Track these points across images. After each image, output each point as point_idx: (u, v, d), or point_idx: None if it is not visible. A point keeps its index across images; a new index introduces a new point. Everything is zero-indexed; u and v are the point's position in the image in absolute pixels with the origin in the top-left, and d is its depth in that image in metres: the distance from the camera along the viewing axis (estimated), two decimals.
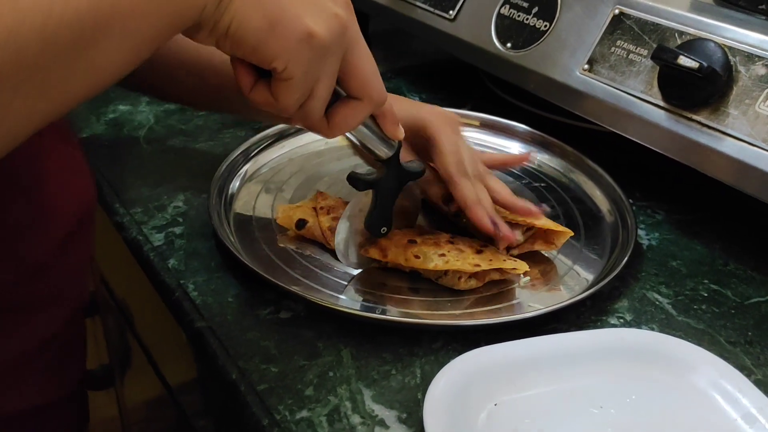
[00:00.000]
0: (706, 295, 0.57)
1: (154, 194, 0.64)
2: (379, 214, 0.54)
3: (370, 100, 0.43)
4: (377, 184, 0.52)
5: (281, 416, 0.43)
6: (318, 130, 0.43)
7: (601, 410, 0.45)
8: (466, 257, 0.54)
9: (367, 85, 0.42)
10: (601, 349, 0.48)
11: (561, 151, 0.73)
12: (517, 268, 0.53)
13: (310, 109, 0.41)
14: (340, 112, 0.43)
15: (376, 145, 0.49)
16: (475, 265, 0.52)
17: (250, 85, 0.39)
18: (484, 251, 0.55)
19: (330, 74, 0.40)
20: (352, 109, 0.43)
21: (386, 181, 0.53)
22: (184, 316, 0.51)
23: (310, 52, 0.37)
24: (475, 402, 0.44)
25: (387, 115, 0.48)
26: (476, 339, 0.49)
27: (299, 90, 0.39)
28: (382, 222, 0.55)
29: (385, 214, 0.54)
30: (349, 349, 0.49)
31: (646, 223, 0.66)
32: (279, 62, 0.37)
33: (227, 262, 0.56)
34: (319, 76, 0.39)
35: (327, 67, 0.39)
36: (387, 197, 0.54)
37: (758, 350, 0.51)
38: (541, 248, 0.59)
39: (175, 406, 0.76)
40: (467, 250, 0.54)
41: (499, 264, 0.53)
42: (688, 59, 0.57)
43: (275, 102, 0.39)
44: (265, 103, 0.40)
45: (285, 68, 0.37)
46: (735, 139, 0.57)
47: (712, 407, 0.45)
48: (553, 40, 0.71)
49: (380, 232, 0.55)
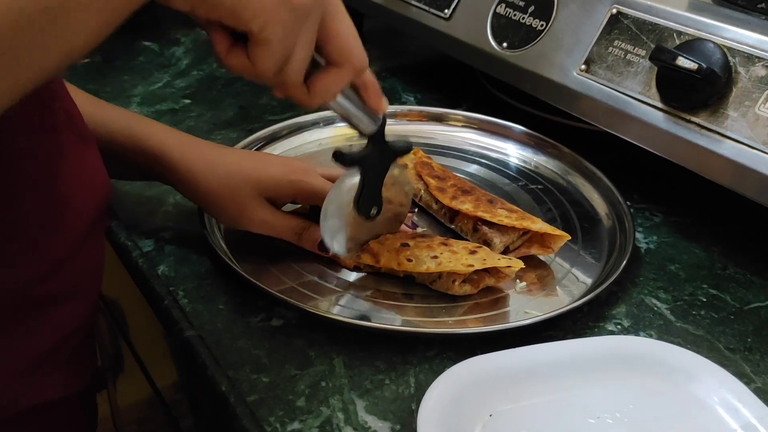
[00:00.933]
0: (705, 300, 0.56)
1: (144, 198, 0.63)
2: (368, 193, 0.52)
3: (350, 66, 0.42)
4: (364, 160, 0.51)
5: (272, 428, 0.42)
6: (298, 99, 0.42)
7: (598, 420, 0.44)
8: (459, 258, 0.52)
9: (347, 50, 0.41)
10: (598, 357, 0.47)
11: (558, 152, 0.72)
12: (512, 265, 0.52)
13: (289, 75, 0.40)
14: (320, 79, 0.42)
15: (359, 119, 0.48)
16: (469, 265, 0.51)
17: (226, 51, 0.38)
18: (477, 252, 0.54)
19: (308, 37, 0.39)
20: (333, 76, 0.42)
21: (372, 158, 0.51)
22: (173, 324, 0.50)
23: (288, 13, 0.36)
24: (470, 413, 0.43)
25: (369, 86, 0.47)
26: (471, 347, 0.49)
27: (277, 54, 0.38)
28: (372, 201, 0.53)
29: (374, 194, 0.53)
30: (341, 357, 0.48)
31: (644, 225, 0.65)
32: (256, 24, 0.36)
33: (218, 268, 0.55)
34: (297, 39, 0.38)
35: (305, 29, 0.38)
36: (375, 175, 0.52)
37: (758, 357, 0.50)
38: (538, 252, 0.58)
39: (165, 408, 0.75)
40: (460, 252, 0.54)
41: (494, 263, 0.52)
42: (686, 60, 0.56)
43: (252, 67, 0.38)
44: (241, 69, 0.39)
45: (262, 30, 0.36)
46: (734, 142, 0.56)
47: (712, 417, 0.44)
48: (549, 40, 0.69)
49: (370, 214, 0.53)
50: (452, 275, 0.52)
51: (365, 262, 0.54)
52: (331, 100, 0.45)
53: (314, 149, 0.72)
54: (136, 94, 0.83)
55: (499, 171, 0.71)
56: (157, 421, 0.84)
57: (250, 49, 0.38)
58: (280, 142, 0.72)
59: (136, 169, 0.58)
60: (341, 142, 0.75)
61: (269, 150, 0.71)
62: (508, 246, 0.58)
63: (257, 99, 0.83)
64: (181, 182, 0.56)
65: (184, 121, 0.77)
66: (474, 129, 0.77)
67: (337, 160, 0.50)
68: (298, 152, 0.71)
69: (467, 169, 0.71)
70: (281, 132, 0.72)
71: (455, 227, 0.61)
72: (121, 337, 0.83)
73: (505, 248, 0.58)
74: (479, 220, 0.58)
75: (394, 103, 0.84)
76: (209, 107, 0.81)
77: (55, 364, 0.50)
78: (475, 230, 0.59)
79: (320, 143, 0.73)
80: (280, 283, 0.54)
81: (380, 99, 0.48)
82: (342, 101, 0.46)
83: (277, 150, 0.71)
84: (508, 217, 0.58)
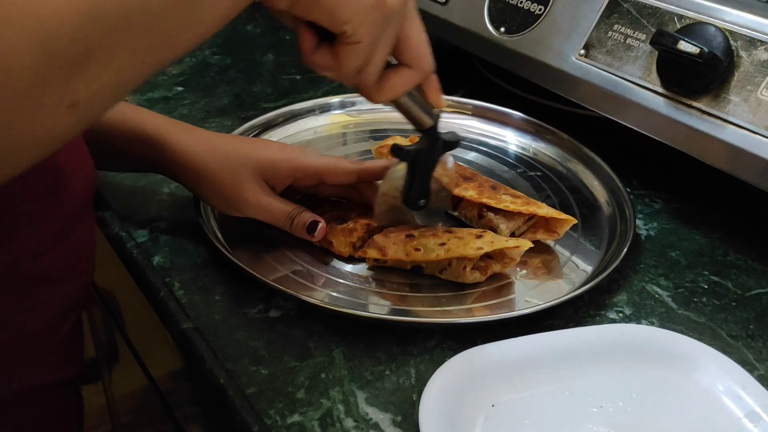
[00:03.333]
0: (707, 287, 0.55)
1: (138, 187, 0.62)
2: (418, 186, 0.54)
3: (420, 69, 0.45)
4: (419, 154, 0.52)
5: (272, 421, 0.42)
6: (367, 94, 0.45)
7: (601, 409, 0.44)
8: (467, 243, 0.52)
9: (420, 53, 0.44)
10: (600, 346, 0.47)
11: (557, 139, 0.72)
12: (521, 245, 0.52)
13: (368, 74, 0.42)
14: (392, 78, 0.44)
15: (419, 114, 0.50)
16: (478, 248, 0.51)
17: (312, 49, 0.40)
18: (483, 236, 0.53)
19: (390, 41, 0.41)
20: (404, 77, 0.45)
21: (426, 152, 0.53)
22: (169, 316, 0.49)
23: (379, 17, 0.38)
24: (472, 404, 0.42)
25: (432, 83, 0.49)
26: (472, 336, 0.48)
27: (364, 54, 0.40)
28: (421, 194, 0.54)
29: (424, 187, 0.54)
30: (341, 348, 0.47)
31: (644, 212, 0.64)
32: (350, 26, 0.38)
33: (214, 259, 0.54)
34: (381, 42, 0.40)
35: (389, 33, 0.41)
36: (425, 169, 0.54)
37: (760, 344, 0.50)
38: (544, 237, 0.58)
39: (160, 397, 0.74)
40: (467, 237, 0.53)
41: (502, 244, 0.52)
42: (688, 44, 0.55)
43: (338, 66, 0.40)
44: (326, 67, 0.41)
45: (355, 32, 0.38)
46: (736, 127, 0.56)
47: (716, 405, 0.44)
48: (548, 25, 0.68)
49: (419, 205, 0.55)
50: (462, 262, 0.52)
51: (372, 256, 0.53)
52: (398, 97, 0.47)
53: (310, 137, 0.71)
54: None
55: (498, 158, 0.70)
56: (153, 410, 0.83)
57: (338, 49, 0.40)
58: (275, 130, 0.70)
59: (130, 158, 0.57)
60: (337, 130, 0.74)
61: (265, 138, 0.69)
62: (514, 232, 0.57)
63: (251, 86, 0.82)
64: (178, 166, 0.55)
65: (177, 109, 0.76)
66: (472, 115, 0.76)
67: (395, 154, 0.52)
68: (293, 140, 0.70)
69: (465, 156, 0.70)
70: (276, 120, 0.71)
71: (459, 214, 0.60)
72: (116, 328, 0.82)
73: (511, 234, 0.57)
74: (484, 206, 0.58)
75: None
76: (203, 95, 0.80)
77: (45, 348, 0.50)
78: (480, 217, 0.58)
79: (315, 131, 0.72)
80: (278, 273, 0.53)
81: (440, 96, 0.50)
82: (406, 98, 0.48)
83: (272, 138, 0.70)
84: (513, 203, 0.57)
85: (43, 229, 0.46)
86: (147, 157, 0.55)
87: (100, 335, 0.97)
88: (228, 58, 0.90)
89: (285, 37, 0.97)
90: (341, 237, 0.54)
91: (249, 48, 0.94)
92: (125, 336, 0.79)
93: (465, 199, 0.59)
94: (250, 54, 0.92)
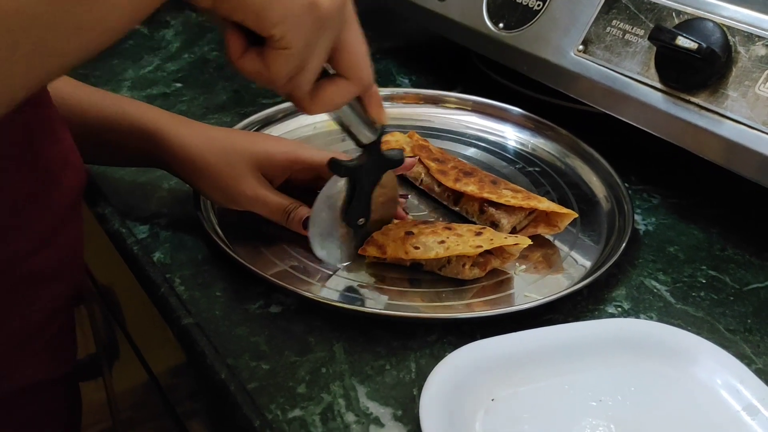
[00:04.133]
0: (705, 281, 0.56)
1: (138, 184, 0.62)
2: (357, 203, 0.52)
3: (359, 81, 0.42)
4: (358, 170, 0.51)
5: (273, 416, 0.42)
6: (301, 105, 0.42)
7: (600, 403, 0.44)
8: (466, 241, 0.52)
9: (358, 65, 0.41)
10: (599, 340, 0.47)
11: (555, 134, 0.72)
12: (520, 243, 0.52)
13: (300, 83, 0.39)
14: (328, 89, 0.41)
15: (359, 129, 0.48)
16: (477, 246, 0.51)
17: (240, 53, 0.38)
18: (483, 233, 0.53)
19: (325, 48, 0.39)
20: (340, 88, 0.42)
21: (367, 168, 0.51)
22: (170, 312, 0.49)
23: (311, 22, 0.36)
24: (472, 398, 0.43)
25: (372, 97, 0.46)
26: (471, 331, 0.48)
27: (294, 61, 0.37)
28: (361, 212, 0.53)
29: (364, 204, 0.53)
30: (341, 343, 0.47)
31: (643, 207, 0.64)
32: (279, 29, 0.35)
33: (215, 254, 0.54)
34: (315, 49, 0.38)
35: (323, 40, 0.38)
36: (366, 185, 0.52)
37: (758, 338, 0.50)
38: (545, 231, 0.58)
39: (161, 393, 0.74)
40: (466, 234, 0.53)
41: (501, 242, 0.52)
42: (686, 40, 0.56)
43: (266, 71, 0.38)
44: (254, 73, 0.38)
45: (284, 37, 0.36)
46: (734, 122, 0.56)
47: (714, 399, 0.44)
48: (546, 20, 0.69)
49: (358, 224, 0.53)
50: (462, 259, 0.52)
51: (371, 254, 0.53)
52: (334, 109, 0.44)
53: (309, 133, 0.71)
54: (126, 78, 0.82)
55: (497, 154, 0.71)
56: (154, 406, 0.84)
57: (266, 54, 0.37)
58: (274, 126, 0.71)
59: (129, 153, 0.57)
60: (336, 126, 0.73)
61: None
62: (515, 226, 0.58)
63: (250, 82, 0.82)
64: (177, 160, 0.55)
65: (176, 105, 0.76)
66: (471, 111, 0.76)
67: (332, 169, 0.50)
68: (293, 136, 0.70)
69: (464, 152, 0.70)
70: (276, 116, 0.71)
71: (460, 209, 0.60)
72: (117, 325, 0.82)
73: (512, 228, 0.57)
74: (485, 201, 0.58)
75: (388, 86, 0.83)
76: (201, 91, 0.80)
77: (36, 347, 0.50)
78: (481, 212, 0.58)
79: (315, 127, 0.72)
80: (278, 269, 0.53)
81: (381, 110, 0.48)
82: (345, 110, 0.46)
83: (272, 134, 0.70)
84: (514, 198, 0.57)
85: (32, 229, 0.45)
86: (145, 151, 0.55)
87: (100, 331, 0.97)
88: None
89: None
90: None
91: None
92: (126, 332, 0.80)
93: (466, 195, 0.59)
94: None
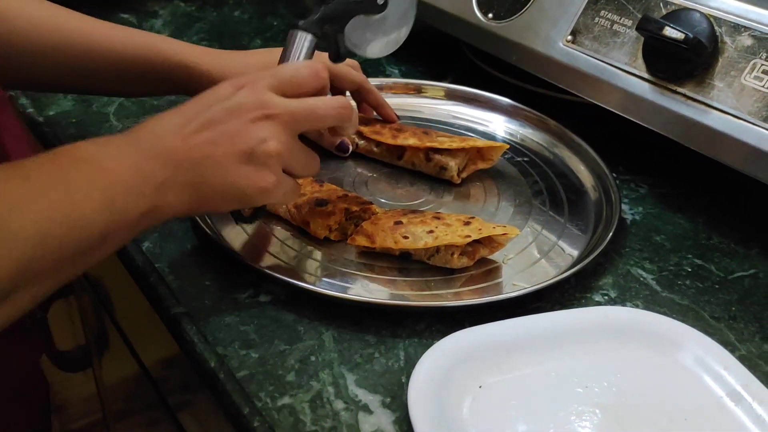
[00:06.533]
0: (690, 270, 0.56)
1: None
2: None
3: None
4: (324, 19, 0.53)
5: (262, 403, 0.42)
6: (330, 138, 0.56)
7: (586, 389, 0.44)
8: (455, 230, 0.52)
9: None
10: (585, 328, 0.48)
11: (544, 124, 0.72)
12: (508, 233, 0.52)
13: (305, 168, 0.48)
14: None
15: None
16: (465, 236, 0.51)
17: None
18: (471, 222, 0.54)
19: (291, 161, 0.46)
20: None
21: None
22: (160, 302, 0.49)
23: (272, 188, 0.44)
24: (459, 385, 0.43)
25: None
26: (460, 319, 0.49)
27: (284, 187, 0.46)
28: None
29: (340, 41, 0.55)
30: (330, 332, 0.48)
31: (630, 197, 0.65)
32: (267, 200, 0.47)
33: (203, 244, 0.54)
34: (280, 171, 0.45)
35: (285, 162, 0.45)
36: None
37: (742, 325, 0.51)
38: (484, 166, 0.64)
39: (152, 384, 0.74)
40: (455, 224, 0.53)
41: (489, 231, 0.52)
42: (673, 30, 0.56)
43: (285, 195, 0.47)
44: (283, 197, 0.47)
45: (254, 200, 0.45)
46: (720, 112, 0.56)
47: (698, 385, 0.45)
48: (535, 11, 0.69)
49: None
50: (450, 248, 0.52)
51: (360, 244, 0.53)
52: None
53: None
54: None
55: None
56: (145, 397, 0.84)
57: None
58: None
59: (158, 83, 0.60)
60: None
61: None
62: (459, 167, 0.63)
63: None
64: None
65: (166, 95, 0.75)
66: (460, 102, 0.76)
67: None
68: None
69: None
70: None
71: (404, 163, 0.65)
72: (106, 315, 0.82)
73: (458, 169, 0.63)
74: (429, 149, 0.63)
75: (378, 76, 0.83)
76: None
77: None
78: (428, 159, 0.63)
79: None
80: (267, 258, 0.53)
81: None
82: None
83: None
84: (453, 141, 0.63)
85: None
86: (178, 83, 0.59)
87: (89, 322, 0.97)
88: (216, 44, 0.89)
89: (273, 23, 0.97)
90: (319, 219, 0.54)
91: (237, 34, 0.93)
92: (115, 323, 0.80)
93: (408, 148, 0.63)
94: (238, 40, 0.91)
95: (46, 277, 0.37)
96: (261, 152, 0.43)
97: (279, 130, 0.44)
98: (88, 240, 0.38)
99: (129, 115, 0.71)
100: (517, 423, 0.42)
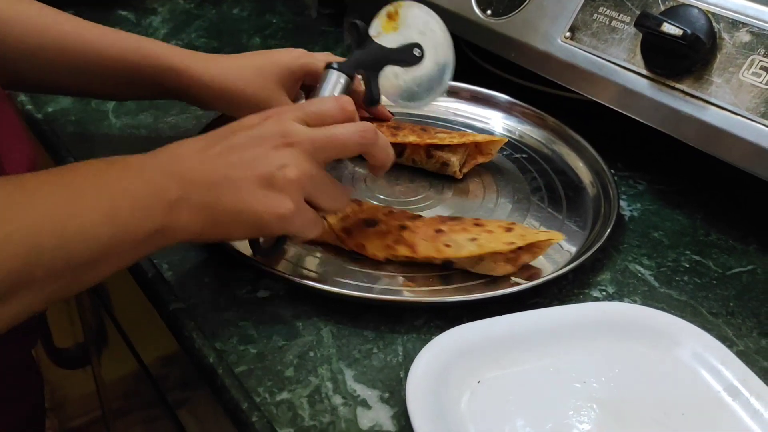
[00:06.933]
0: (688, 266, 0.56)
1: None
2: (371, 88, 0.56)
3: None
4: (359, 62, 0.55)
5: (261, 399, 0.42)
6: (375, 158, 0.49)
7: (584, 385, 0.45)
8: (498, 237, 0.51)
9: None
10: (583, 323, 0.48)
11: (542, 121, 0.72)
12: (552, 238, 0.52)
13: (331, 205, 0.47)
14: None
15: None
16: (509, 243, 0.50)
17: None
18: (513, 229, 0.53)
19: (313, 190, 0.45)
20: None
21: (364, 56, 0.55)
22: (158, 297, 0.49)
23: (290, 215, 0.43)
24: (458, 380, 0.43)
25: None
26: (458, 315, 0.49)
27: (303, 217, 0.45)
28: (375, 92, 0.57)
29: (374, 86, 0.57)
30: (329, 327, 0.48)
31: (628, 193, 0.65)
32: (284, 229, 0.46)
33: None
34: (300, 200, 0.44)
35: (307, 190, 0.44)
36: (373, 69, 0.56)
37: (740, 321, 0.51)
38: (483, 161, 0.65)
39: (151, 382, 0.75)
40: (497, 230, 0.52)
41: (534, 238, 0.51)
42: (671, 26, 0.56)
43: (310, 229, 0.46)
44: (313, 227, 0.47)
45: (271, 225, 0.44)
46: (718, 108, 0.56)
47: (695, 380, 0.45)
48: (534, 7, 0.69)
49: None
50: (494, 256, 0.51)
51: (402, 254, 0.52)
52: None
53: None
54: None
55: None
56: (144, 395, 0.84)
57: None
58: None
59: (152, 90, 0.60)
60: None
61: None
62: (461, 162, 0.64)
63: None
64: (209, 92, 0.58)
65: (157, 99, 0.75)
66: (458, 98, 0.76)
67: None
68: None
69: None
70: None
71: (405, 160, 0.65)
72: (105, 312, 0.82)
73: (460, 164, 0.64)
74: (430, 146, 0.63)
75: None
76: None
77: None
78: (429, 156, 0.64)
79: None
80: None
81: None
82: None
83: None
84: (452, 137, 0.63)
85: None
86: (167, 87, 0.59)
87: (88, 320, 0.97)
88: (214, 41, 0.90)
89: (272, 20, 0.97)
90: (376, 241, 0.53)
91: (235, 31, 0.93)
92: (114, 320, 0.80)
93: (409, 145, 0.64)
94: (237, 37, 0.91)
95: (38, 289, 0.36)
96: (280, 177, 0.42)
97: (301, 157, 0.43)
98: (86, 254, 0.37)
99: (127, 112, 0.71)
100: (515, 418, 0.42)
